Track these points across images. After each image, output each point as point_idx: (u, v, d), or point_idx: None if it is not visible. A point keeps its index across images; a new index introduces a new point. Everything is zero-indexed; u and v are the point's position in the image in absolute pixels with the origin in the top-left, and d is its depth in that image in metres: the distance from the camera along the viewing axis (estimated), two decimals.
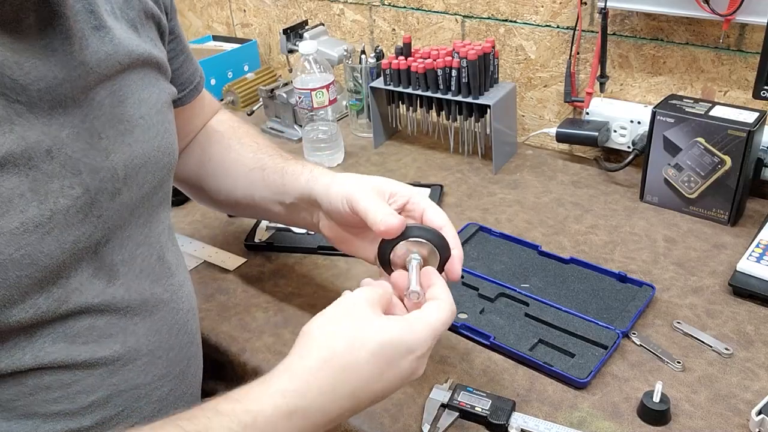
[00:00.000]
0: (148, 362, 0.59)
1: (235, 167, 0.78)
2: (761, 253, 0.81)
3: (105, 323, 0.55)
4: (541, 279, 0.84)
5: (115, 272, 0.56)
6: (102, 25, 0.55)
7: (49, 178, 0.49)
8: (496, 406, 0.65)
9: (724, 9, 0.88)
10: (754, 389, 0.66)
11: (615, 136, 1.07)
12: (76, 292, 0.52)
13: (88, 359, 0.54)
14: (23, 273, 0.47)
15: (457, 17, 1.20)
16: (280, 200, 0.73)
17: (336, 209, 0.64)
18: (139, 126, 0.59)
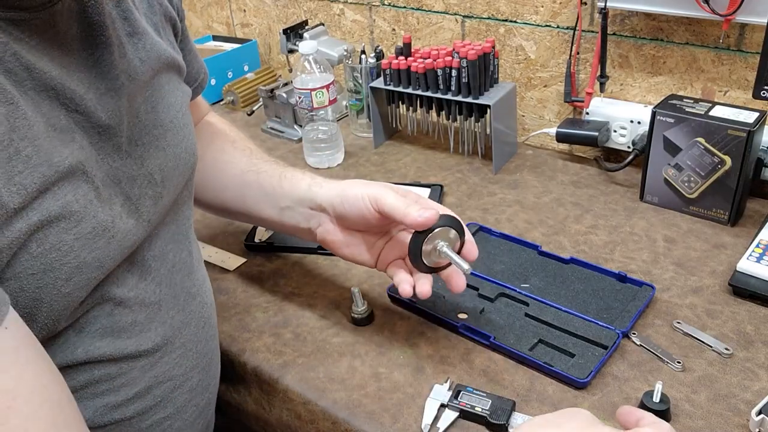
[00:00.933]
0: (182, 354, 0.62)
1: (227, 168, 0.79)
2: (761, 253, 0.81)
3: (145, 317, 0.57)
4: (541, 279, 0.84)
5: (148, 268, 0.58)
6: (135, 32, 0.57)
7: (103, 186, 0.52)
8: (496, 406, 0.65)
9: (724, 9, 0.88)
10: (754, 389, 0.66)
11: (615, 136, 1.07)
12: (114, 285, 0.54)
13: (133, 352, 0.56)
14: (93, 275, 0.50)
15: (457, 17, 1.20)
16: (274, 204, 0.75)
17: (356, 210, 0.67)
18: (170, 130, 0.61)
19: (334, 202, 0.69)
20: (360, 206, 0.67)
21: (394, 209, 0.64)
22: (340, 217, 0.70)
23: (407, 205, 0.63)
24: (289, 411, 0.72)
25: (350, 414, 0.67)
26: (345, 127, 1.30)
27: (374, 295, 0.84)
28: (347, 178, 1.11)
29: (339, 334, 0.78)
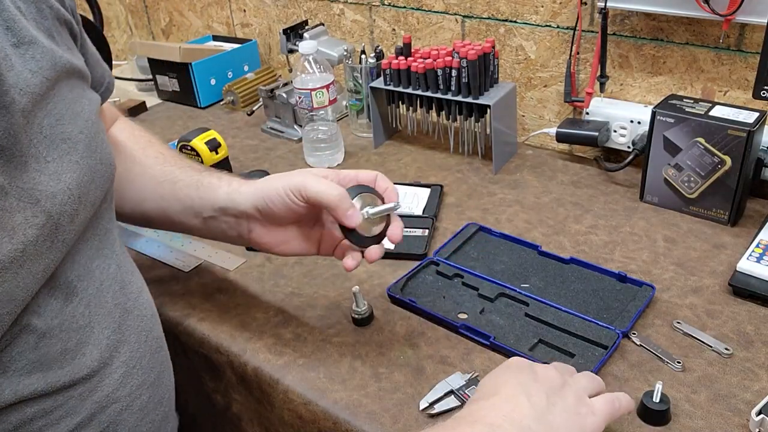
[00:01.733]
0: (124, 373, 0.59)
1: (141, 179, 0.74)
2: (761, 253, 0.81)
3: (76, 343, 0.54)
4: (541, 279, 0.84)
5: (73, 289, 0.54)
6: (22, 41, 0.51)
7: (10, 213, 0.47)
8: None
9: (724, 9, 0.88)
10: (754, 389, 0.66)
11: (615, 136, 1.07)
12: (34, 315, 0.50)
13: (68, 382, 0.53)
14: (4, 310, 0.46)
15: (457, 17, 1.20)
16: (196, 214, 0.72)
17: (283, 206, 0.65)
18: (81, 142, 0.56)
19: (257, 205, 0.67)
20: (285, 201, 0.65)
21: (321, 195, 0.63)
22: (268, 217, 0.68)
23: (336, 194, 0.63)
24: (290, 411, 0.72)
25: (351, 414, 0.67)
26: (345, 127, 1.30)
27: (374, 295, 0.84)
28: None
29: (339, 334, 0.78)
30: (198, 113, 1.46)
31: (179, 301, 0.86)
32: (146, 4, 1.82)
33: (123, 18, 1.92)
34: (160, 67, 1.49)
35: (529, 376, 0.55)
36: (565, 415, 0.52)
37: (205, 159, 1.10)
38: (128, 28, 1.93)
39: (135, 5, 1.86)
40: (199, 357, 0.82)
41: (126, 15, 1.91)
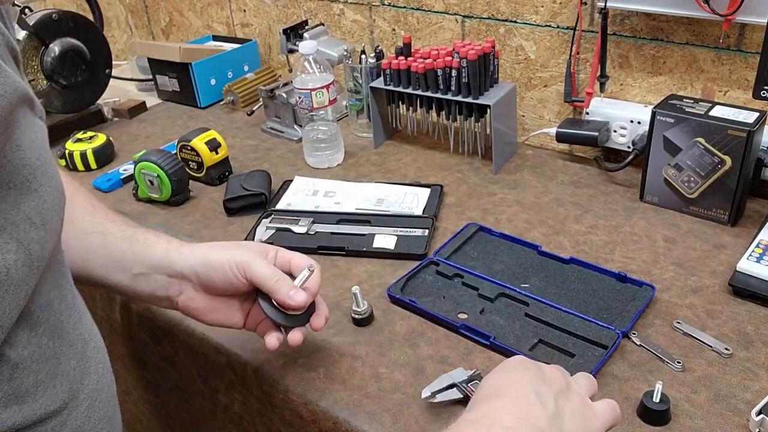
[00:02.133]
0: (89, 406, 0.58)
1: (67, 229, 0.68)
2: (761, 253, 0.81)
3: (46, 374, 0.53)
4: (541, 279, 0.84)
5: (36, 320, 0.53)
6: None
7: None
8: None
9: (724, 9, 0.88)
10: (754, 389, 0.66)
11: (615, 136, 1.07)
12: (6, 346, 0.49)
13: (42, 414, 0.52)
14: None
15: (457, 17, 1.20)
16: (125, 269, 0.69)
17: (223, 278, 0.65)
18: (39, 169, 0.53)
19: (197, 270, 0.66)
20: (227, 274, 0.65)
21: (264, 280, 0.64)
22: (204, 285, 0.67)
23: (276, 278, 0.64)
24: (290, 411, 0.72)
25: (351, 414, 0.67)
26: (345, 127, 1.30)
27: (374, 295, 0.84)
28: (347, 178, 1.11)
29: (339, 334, 0.78)
30: (198, 113, 1.46)
31: None
32: (146, 4, 1.82)
33: (123, 18, 1.92)
34: (160, 67, 1.49)
35: (538, 377, 0.55)
36: (574, 419, 0.52)
37: (205, 159, 1.10)
38: (128, 28, 1.93)
39: (135, 5, 1.86)
40: (199, 357, 0.82)
41: (126, 15, 1.91)
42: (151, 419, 1.02)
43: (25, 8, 1.26)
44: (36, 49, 1.27)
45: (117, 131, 1.38)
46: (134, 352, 0.95)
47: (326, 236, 0.95)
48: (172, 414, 0.97)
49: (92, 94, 1.39)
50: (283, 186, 1.10)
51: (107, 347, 1.00)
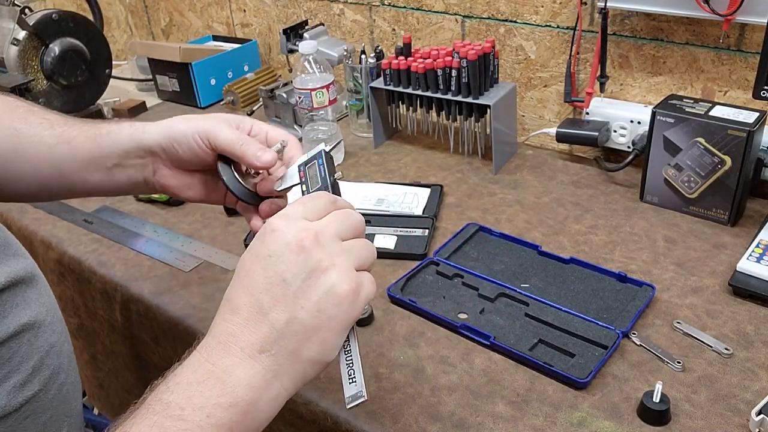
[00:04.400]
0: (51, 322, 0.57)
1: (30, 149, 0.69)
2: (761, 253, 0.81)
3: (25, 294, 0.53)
4: (541, 279, 0.84)
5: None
6: None
7: None
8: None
9: (724, 9, 0.88)
10: (754, 389, 0.66)
11: (615, 136, 1.07)
12: None
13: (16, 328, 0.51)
14: None
15: (457, 17, 1.20)
16: (98, 166, 0.67)
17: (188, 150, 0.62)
18: None
19: (162, 144, 0.64)
20: (191, 145, 0.62)
21: (229, 145, 0.60)
22: (173, 159, 0.65)
23: (242, 142, 0.60)
24: (291, 411, 0.72)
25: (351, 414, 0.67)
26: (345, 127, 1.30)
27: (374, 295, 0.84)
28: (347, 178, 1.11)
29: None
30: (198, 113, 1.46)
31: (179, 301, 0.86)
32: (146, 4, 1.82)
33: (123, 18, 1.92)
34: (160, 67, 1.49)
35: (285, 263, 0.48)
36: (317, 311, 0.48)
37: None
38: (128, 28, 1.93)
39: (135, 5, 1.86)
40: None
41: (126, 15, 1.91)
42: None
43: (25, 8, 1.26)
44: (36, 49, 1.27)
45: None
46: (135, 352, 0.95)
47: None
48: None
49: (92, 94, 1.39)
50: None
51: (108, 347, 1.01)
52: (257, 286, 0.47)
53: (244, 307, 0.47)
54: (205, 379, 0.45)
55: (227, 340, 0.47)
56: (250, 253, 0.49)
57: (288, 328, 0.47)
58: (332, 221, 0.51)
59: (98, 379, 1.09)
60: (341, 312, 0.48)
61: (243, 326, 0.47)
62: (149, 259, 0.96)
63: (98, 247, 0.99)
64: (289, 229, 0.48)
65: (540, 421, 0.65)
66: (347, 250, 0.50)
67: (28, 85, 1.25)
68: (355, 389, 0.50)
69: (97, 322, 1.00)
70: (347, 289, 0.48)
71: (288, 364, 0.47)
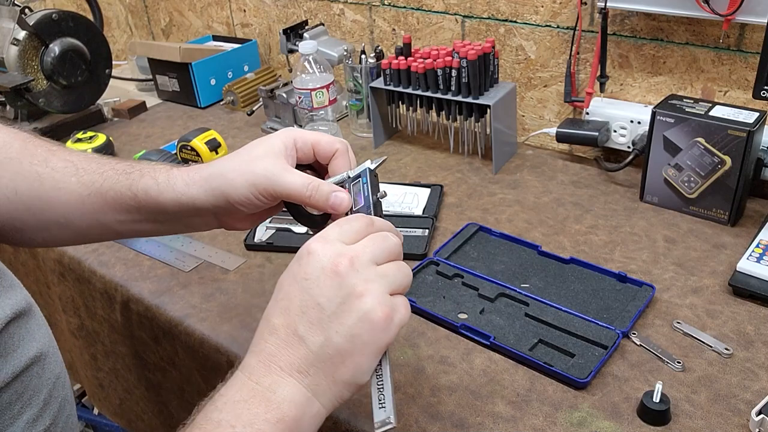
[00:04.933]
0: (53, 353, 0.56)
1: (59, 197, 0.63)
2: (761, 253, 0.81)
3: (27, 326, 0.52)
4: (541, 279, 0.84)
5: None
6: None
7: None
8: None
9: (724, 9, 0.88)
10: (754, 389, 0.66)
11: (615, 136, 1.07)
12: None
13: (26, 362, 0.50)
14: None
15: (457, 17, 1.20)
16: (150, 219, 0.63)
17: (248, 204, 0.58)
18: None
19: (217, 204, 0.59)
20: (251, 200, 0.58)
21: (296, 196, 0.57)
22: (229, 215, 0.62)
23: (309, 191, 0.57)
24: None
25: (351, 414, 0.67)
26: (345, 127, 1.30)
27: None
28: None
29: None
30: (198, 113, 1.46)
31: (179, 301, 0.86)
32: (146, 4, 1.82)
33: (123, 18, 1.92)
34: (160, 67, 1.49)
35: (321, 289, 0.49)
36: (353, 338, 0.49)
37: (205, 159, 1.10)
38: (128, 28, 1.93)
39: (135, 5, 1.86)
40: (199, 357, 0.82)
41: (126, 15, 1.91)
42: (152, 418, 1.02)
43: (25, 8, 1.26)
44: (36, 49, 1.27)
45: (117, 131, 1.39)
46: (135, 352, 0.95)
47: None
48: (174, 413, 0.97)
49: (92, 94, 1.39)
50: None
51: (108, 347, 1.01)
52: (294, 308, 0.49)
53: (281, 328, 0.49)
54: (250, 397, 0.47)
55: (267, 360, 0.48)
56: (288, 274, 0.51)
57: (323, 351, 0.48)
58: (368, 245, 0.51)
59: (98, 379, 1.09)
60: (375, 338, 0.49)
61: (281, 347, 0.49)
62: (149, 259, 0.96)
63: (98, 247, 0.99)
64: (325, 253, 0.49)
65: (540, 421, 0.65)
66: (382, 275, 0.50)
67: (28, 85, 1.25)
68: (383, 415, 0.51)
69: (97, 322, 1.00)
70: (381, 316, 0.48)
71: (325, 385, 0.49)
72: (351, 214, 0.57)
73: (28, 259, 1.13)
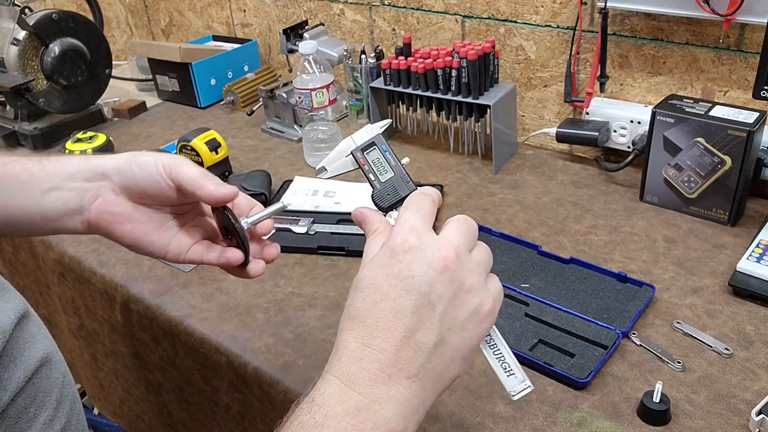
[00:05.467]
0: (57, 352, 0.55)
1: None
2: (761, 253, 0.81)
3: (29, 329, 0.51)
4: (541, 279, 0.84)
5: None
6: None
7: None
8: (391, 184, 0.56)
9: (724, 9, 0.88)
10: (754, 389, 0.66)
11: (615, 136, 1.07)
12: None
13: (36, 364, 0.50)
14: None
15: (457, 17, 1.20)
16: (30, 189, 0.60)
17: (148, 176, 0.58)
18: None
19: (120, 167, 0.59)
20: (152, 171, 0.58)
21: (190, 178, 0.57)
22: (127, 185, 0.59)
23: (203, 175, 0.57)
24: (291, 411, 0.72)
25: None
26: (345, 127, 1.30)
27: None
28: (347, 178, 1.11)
29: None
30: (198, 113, 1.46)
31: (179, 301, 0.86)
32: (146, 4, 1.82)
33: (123, 18, 1.92)
34: (160, 67, 1.49)
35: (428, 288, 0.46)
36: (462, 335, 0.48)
37: (205, 159, 1.10)
38: (128, 28, 1.93)
39: (135, 5, 1.86)
40: (199, 357, 0.82)
41: (126, 15, 1.91)
42: (152, 418, 1.02)
43: (25, 8, 1.26)
44: (36, 49, 1.27)
45: (117, 131, 1.39)
46: (135, 352, 0.95)
47: (326, 236, 0.95)
48: (174, 413, 0.97)
49: (92, 94, 1.39)
50: (283, 186, 1.10)
51: (108, 347, 1.01)
52: (402, 308, 0.45)
53: (388, 331, 0.45)
54: (356, 411, 0.44)
55: (373, 368, 0.45)
56: (383, 271, 0.47)
57: (435, 351, 0.46)
58: (460, 234, 0.50)
59: (98, 379, 1.09)
60: (482, 328, 0.48)
61: (388, 352, 0.45)
62: (149, 259, 0.96)
63: (98, 247, 0.99)
64: (427, 247, 0.47)
65: (540, 421, 0.65)
66: (478, 263, 0.50)
67: (28, 85, 1.25)
68: (516, 381, 0.50)
69: (97, 322, 1.00)
70: (488, 308, 0.48)
71: (432, 386, 0.47)
72: (379, 186, 0.55)
73: (28, 259, 1.13)
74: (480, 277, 0.49)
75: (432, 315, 0.46)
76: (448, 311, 0.46)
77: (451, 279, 0.46)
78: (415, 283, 0.45)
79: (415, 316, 0.45)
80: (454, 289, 0.47)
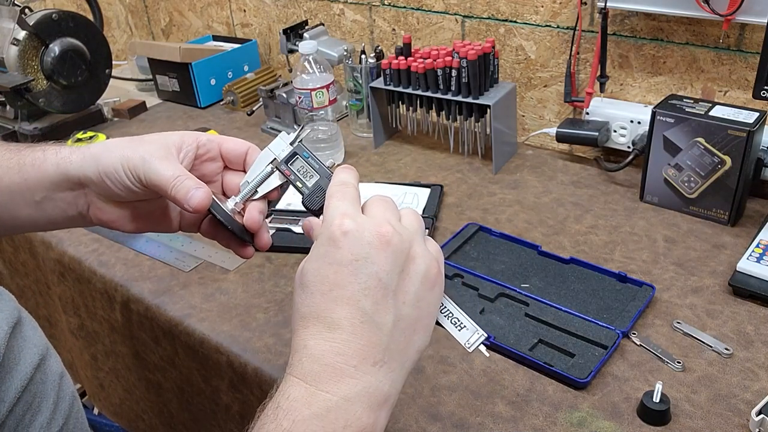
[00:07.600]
0: (51, 353, 0.55)
1: None
2: (761, 253, 0.81)
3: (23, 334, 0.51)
4: (541, 279, 0.84)
5: None
6: None
7: None
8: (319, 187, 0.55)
9: (724, 9, 0.88)
10: (754, 389, 0.66)
11: (615, 136, 1.07)
12: None
13: (30, 370, 0.50)
14: None
15: (457, 17, 1.20)
16: (26, 201, 0.59)
17: (120, 185, 0.55)
18: None
19: (91, 177, 0.55)
20: (122, 179, 0.54)
21: (162, 185, 0.53)
22: (107, 194, 0.57)
23: (175, 182, 0.53)
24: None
25: None
26: (345, 127, 1.30)
27: None
28: None
29: None
30: (198, 113, 1.46)
31: (179, 301, 0.86)
32: (146, 4, 1.82)
33: (123, 18, 1.92)
34: (160, 67, 1.49)
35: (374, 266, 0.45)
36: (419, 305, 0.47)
37: None
38: (128, 28, 1.93)
39: (135, 5, 1.86)
40: (199, 357, 0.82)
41: (126, 15, 1.91)
42: (153, 418, 1.02)
43: (25, 8, 1.26)
44: (36, 49, 1.27)
45: (117, 131, 1.39)
46: (135, 352, 0.95)
47: None
48: (174, 413, 0.97)
49: (92, 94, 1.39)
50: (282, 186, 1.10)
51: (108, 347, 1.01)
52: (353, 294, 0.44)
53: (345, 320, 0.44)
54: (325, 412, 0.42)
55: (337, 362, 0.43)
56: (325, 261, 0.45)
57: (395, 328, 0.45)
58: (386, 209, 0.49)
59: (98, 379, 1.09)
60: (434, 294, 0.47)
61: (350, 342, 0.44)
62: (149, 259, 0.96)
63: (98, 247, 0.99)
64: (364, 227, 0.45)
65: (540, 421, 0.65)
66: (414, 230, 0.48)
67: (28, 85, 1.25)
68: (468, 333, 0.49)
69: (97, 322, 1.00)
70: (435, 272, 0.47)
71: (399, 366, 0.46)
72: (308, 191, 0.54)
73: (28, 259, 1.13)
74: (418, 241, 0.48)
75: (385, 293, 0.45)
76: (400, 286, 0.46)
77: (395, 253, 0.45)
78: (360, 265, 0.44)
79: (368, 298, 0.44)
80: (400, 262, 0.46)
